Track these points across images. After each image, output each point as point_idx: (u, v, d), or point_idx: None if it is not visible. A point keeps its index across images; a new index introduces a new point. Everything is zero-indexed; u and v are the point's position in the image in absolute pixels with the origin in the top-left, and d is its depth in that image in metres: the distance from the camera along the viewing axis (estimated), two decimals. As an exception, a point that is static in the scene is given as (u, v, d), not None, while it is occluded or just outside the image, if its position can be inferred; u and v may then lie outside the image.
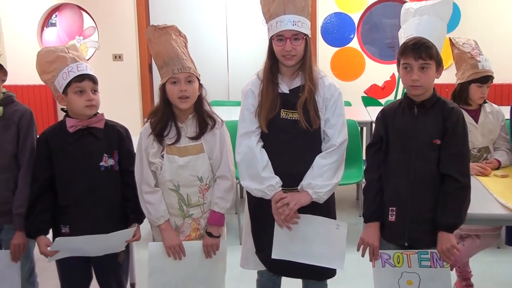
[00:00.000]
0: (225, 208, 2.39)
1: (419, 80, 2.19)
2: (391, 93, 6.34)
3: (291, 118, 2.31)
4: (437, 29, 2.28)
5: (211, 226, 2.39)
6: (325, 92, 2.33)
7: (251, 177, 2.31)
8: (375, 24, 6.59)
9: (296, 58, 2.28)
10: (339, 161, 2.33)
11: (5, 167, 2.45)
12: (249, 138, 2.33)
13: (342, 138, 2.33)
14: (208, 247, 2.39)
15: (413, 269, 2.28)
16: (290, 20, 2.23)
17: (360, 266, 3.20)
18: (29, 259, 2.58)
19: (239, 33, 6.56)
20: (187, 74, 2.28)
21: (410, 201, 2.23)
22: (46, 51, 2.38)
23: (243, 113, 2.38)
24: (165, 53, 2.29)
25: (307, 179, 2.29)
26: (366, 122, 4.58)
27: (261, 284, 2.60)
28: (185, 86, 2.27)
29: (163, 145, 2.33)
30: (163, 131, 2.32)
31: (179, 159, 2.32)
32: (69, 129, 2.35)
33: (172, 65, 2.27)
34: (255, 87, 2.37)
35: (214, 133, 2.37)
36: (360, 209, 4.75)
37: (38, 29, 6.70)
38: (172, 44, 2.29)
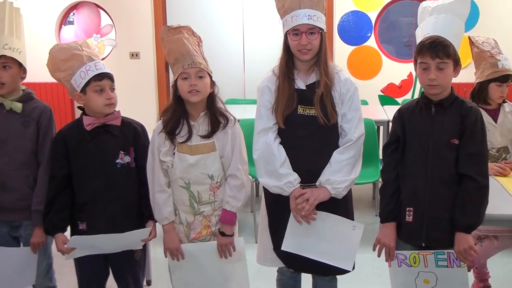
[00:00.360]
0: (237, 207, 2.38)
1: (437, 80, 2.17)
2: (408, 92, 6.31)
3: (309, 114, 2.30)
4: (455, 28, 2.25)
5: (223, 225, 2.39)
6: (341, 87, 2.32)
7: (269, 174, 2.31)
8: (392, 22, 6.55)
9: (311, 52, 2.28)
10: (356, 156, 2.32)
11: (25, 163, 2.47)
12: (266, 134, 2.32)
13: (359, 133, 2.32)
14: (223, 247, 2.39)
15: (429, 268, 2.26)
16: (305, 14, 2.23)
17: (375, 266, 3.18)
18: (47, 255, 2.60)
19: (255, 31, 6.55)
20: (197, 69, 2.28)
21: (428, 201, 2.22)
22: (60, 48, 2.38)
23: (259, 110, 2.38)
24: (176, 50, 2.30)
25: (325, 174, 2.28)
26: (383, 121, 4.55)
27: (282, 283, 2.60)
28: (195, 80, 2.27)
29: (174, 144, 2.33)
30: (175, 129, 2.33)
31: (190, 158, 2.32)
32: (87, 127, 2.36)
33: (183, 61, 2.28)
34: (271, 83, 2.37)
35: (226, 132, 2.36)
36: (376, 209, 4.73)
37: (56, 27, 6.75)
38: (184, 41, 2.29)
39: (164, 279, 3.43)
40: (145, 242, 2.43)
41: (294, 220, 2.35)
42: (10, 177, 2.45)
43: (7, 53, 2.41)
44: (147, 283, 3.47)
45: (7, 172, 2.45)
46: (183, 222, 2.40)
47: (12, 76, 2.45)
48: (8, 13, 2.47)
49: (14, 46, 2.44)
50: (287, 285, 2.59)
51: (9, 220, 2.52)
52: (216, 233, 2.41)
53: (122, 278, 2.54)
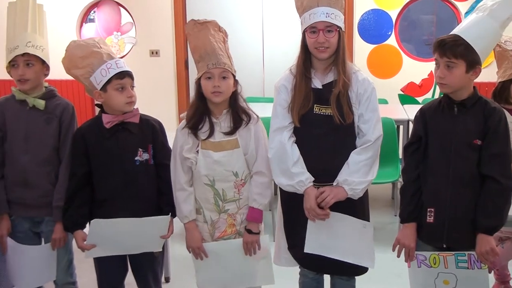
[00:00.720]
0: (264, 204, 2.39)
1: (444, 78, 2.16)
2: (428, 91, 6.25)
3: (325, 113, 2.30)
4: (481, 29, 2.18)
5: (250, 222, 2.40)
6: (358, 87, 2.31)
7: (283, 173, 2.31)
8: (413, 21, 6.49)
9: (329, 50, 2.27)
10: (374, 157, 2.32)
11: (47, 160, 2.50)
12: (281, 133, 2.32)
13: (377, 134, 2.31)
14: (249, 244, 2.39)
15: (449, 270, 2.25)
16: (323, 12, 2.23)
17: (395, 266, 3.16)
18: (67, 251, 2.62)
19: (275, 29, 6.53)
20: (221, 69, 2.28)
21: (449, 202, 2.20)
22: (77, 45, 2.39)
23: (275, 108, 2.38)
24: (202, 47, 2.30)
25: (343, 175, 2.28)
26: (403, 121, 4.52)
27: (305, 285, 2.60)
28: (219, 81, 2.28)
29: (198, 140, 2.34)
30: (198, 124, 2.34)
31: (214, 154, 2.33)
32: (106, 125, 2.38)
33: (207, 60, 2.28)
34: (288, 82, 2.37)
35: (249, 129, 2.37)
36: (395, 209, 4.70)
37: (77, 25, 6.80)
38: (209, 39, 2.29)
39: (183, 276, 3.47)
40: (164, 238, 2.44)
41: (312, 222, 2.35)
42: (32, 173, 2.47)
43: (30, 51, 2.43)
44: (165, 280, 3.48)
45: (30, 169, 2.47)
46: (207, 220, 2.40)
47: (35, 73, 2.46)
48: (31, 10, 2.49)
49: (37, 43, 2.45)
50: (309, 286, 2.59)
51: (31, 216, 2.54)
52: (241, 232, 2.41)
53: (141, 275, 2.55)
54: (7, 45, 2.45)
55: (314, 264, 2.43)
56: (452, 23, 6.20)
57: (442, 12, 6.34)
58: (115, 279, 2.55)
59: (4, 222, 2.51)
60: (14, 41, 2.43)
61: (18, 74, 2.43)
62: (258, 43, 6.60)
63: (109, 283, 2.55)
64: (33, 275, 2.56)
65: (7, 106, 2.52)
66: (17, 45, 2.42)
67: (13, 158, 2.49)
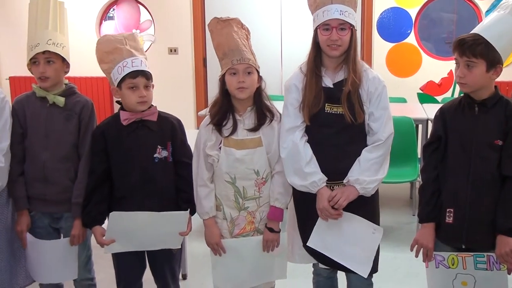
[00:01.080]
0: (286, 203, 2.40)
1: (464, 78, 2.14)
2: (448, 90, 6.20)
3: (336, 112, 2.29)
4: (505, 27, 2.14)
5: (271, 221, 2.40)
6: (369, 86, 2.30)
7: (296, 173, 2.31)
8: (433, 19, 6.43)
9: (341, 48, 2.26)
10: (385, 155, 2.31)
11: (66, 157, 2.52)
12: (293, 133, 2.32)
13: (388, 132, 2.30)
14: (269, 242, 2.39)
15: (468, 271, 2.23)
16: (337, 9, 2.22)
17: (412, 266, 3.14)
18: (86, 247, 2.64)
19: (293, 27, 6.52)
20: (246, 65, 2.28)
21: (469, 202, 2.18)
22: (105, 40, 2.41)
23: (287, 108, 2.37)
24: (226, 44, 2.30)
25: (354, 173, 2.27)
26: (422, 120, 4.48)
27: (320, 285, 2.60)
28: (244, 77, 2.28)
29: (221, 136, 2.34)
30: (222, 121, 2.34)
31: (236, 152, 2.32)
32: (123, 122, 2.39)
33: (231, 56, 2.28)
34: (298, 81, 2.36)
35: (272, 127, 2.36)
36: (413, 208, 4.67)
37: (97, 23, 6.85)
38: (233, 36, 2.30)
39: (200, 273, 3.48)
40: (182, 235, 2.44)
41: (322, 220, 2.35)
42: (52, 170, 2.49)
43: (51, 49, 2.44)
44: (182, 277, 3.49)
45: (50, 165, 2.49)
46: (227, 217, 2.41)
47: (56, 71, 2.48)
48: (52, 8, 2.50)
49: (57, 41, 2.47)
50: (324, 286, 2.59)
51: (51, 212, 2.56)
52: (259, 229, 2.42)
53: (159, 271, 2.56)
54: (28, 43, 2.47)
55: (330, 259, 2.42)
56: (472, 21, 6.14)
57: (462, 10, 6.28)
58: (133, 275, 2.56)
59: (24, 217, 2.53)
60: (35, 39, 2.45)
61: (39, 71, 2.45)
62: (277, 41, 6.59)
63: (127, 280, 2.56)
64: (53, 270, 2.58)
65: (27, 103, 2.54)
66: (38, 43, 2.44)
67: (33, 154, 2.51)
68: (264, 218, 2.41)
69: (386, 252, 2.98)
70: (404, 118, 4.38)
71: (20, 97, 2.59)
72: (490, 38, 2.11)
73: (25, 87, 6.50)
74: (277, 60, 6.60)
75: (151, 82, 2.41)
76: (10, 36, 6.86)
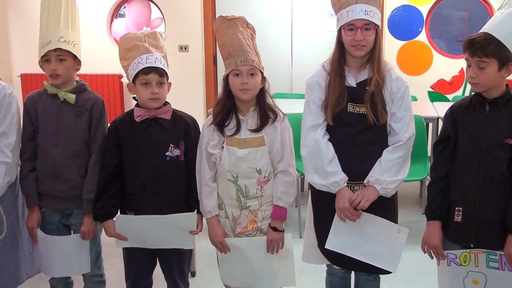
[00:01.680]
0: (289, 203, 2.38)
1: (476, 78, 2.12)
2: (459, 89, 6.16)
3: (358, 112, 2.28)
4: None
5: (274, 220, 2.39)
6: (392, 86, 2.29)
7: (316, 171, 2.30)
8: (444, 17, 6.41)
9: (365, 49, 2.25)
10: (406, 156, 2.31)
11: (77, 153, 2.53)
12: (315, 131, 2.31)
13: (410, 133, 2.30)
14: (273, 242, 2.38)
15: (479, 268, 2.22)
16: (362, 9, 2.20)
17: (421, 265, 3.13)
18: (96, 244, 2.65)
19: (304, 25, 6.51)
20: (249, 66, 2.27)
21: (478, 201, 2.16)
22: (127, 38, 2.44)
23: (309, 105, 2.36)
24: (230, 44, 2.29)
25: (374, 174, 2.27)
26: (432, 118, 4.47)
27: (333, 285, 2.60)
28: (247, 78, 2.27)
29: (223, 136, 2.34)
30: (224, 121, 2.34)
31: (239, 151, 2.32)
32: (136, 119, 2.40)
33: (236, 56, 2.27)
34: (322, 79, 2.35)
35: (275, 127, 2.35)
36: (423, 207, 4.66)
37: (108, 20, 6.88)
38: (238, 35, 2.29)
39: (209, 270, 3.49)
40: (193, 234, 2.45)
41: (339, 219, 2.34)
42: (63, 166, 2.50)
43: (62, 46, 2.46)
44: (191, 275, 3.50)
45: (60, 162, 2.50)
46: (229, 216, 2.41)
47: (67, 68, 2.49)
48: (64, 5, 2.52)
49: (69, 38, 2.48)
50: (337, 285, 2.58)
51: (61, 209, 2.58)
52: (262, 229, 2.41)
53: (168, 269, 2.57)
54: (40, 40, 2.48)
55: (343, 261, 2.42)
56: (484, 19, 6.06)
57: (474, 8, 6.25)
58: (142, 272, 2.57)
59: (35, 214, 2.55)
60: (47, 37, 2.46)
61: (50, 69, 2.47)
62: (287, 39, 6.59)
63: (135, 276, 2.57)
64: (65, 264, 2.60)
65: (39, 100, 2.56)
66: (50, 40, 2.45)
67: (44, 151, 2.52)
68: (267, 217, 2.41)
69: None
70: (415, 117, 4.30)
71: (32, 94, 2.60)
72: (500, 36, 2.08)
73: (37, 85, 6.55)
74: (287, 59, 6.59)
75: (165, 79, 2.41)
76: (22, 34, 6.91)
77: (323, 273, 2.64)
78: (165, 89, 2.42)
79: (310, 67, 2.46)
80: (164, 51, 2.47)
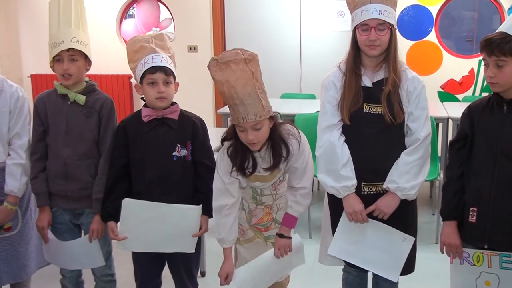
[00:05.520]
0: (299, 212, 2.36)
1: (494, 77, 2.10)
2: (469, 89, 6.13)
3: (375, 112, 2.27)
4: None
5: (283, 227, 2.38)
6: (408, 85, 2.28)
7: (328, 172, 2.30)
8: (454, 17, 6.38)
9: (380, 48, 2.24)
10: (424, 157, 2.30)
11: (87, 153, 2.53)
12: (330, 132, 2.30)
13: (426, 132, 2.28)
14: (281, 249, 2.37)
15: (492, 269, 2.20)
16: (376, 9, 2.19)
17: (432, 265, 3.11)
18: (107, 243, 2.66)
19: (313, 24, 6.50)
20: (252, 123, 2.13)
21: (493, 202, 2.14)
22: (134, 40, 2.43)
23: (324, 106, 2.35)
24: (229, 97, 2.12)
25: (393, 179, 2.26)
26: (442, 118, 4.44)
27: (349, 282, 2.59)
28: (252, 134, 2.15)
29: (245, 177, 2.29)
30: (243, 163, 2.25)
31: (256, 183, 2.32)
32: (143, 119, 2.40)
33: (237, 111, 2.12)
34: (337, 79, 2.34)
35: (291, 156, 2.28)
36: (433, 208, 4.64)
37: (117, 21, 6.90)
38: (234, 87, 2.09)
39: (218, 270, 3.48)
40: (196, 236, 2.44)
41: (343, 226, 2.35)
42: (73, 166, 2.51)
43: (76, 46, 2.47)
44: (201, 274, 3.51)
45: (71, 162, 2.51)
46: (245, 208, 2.41)
47: (79, 68, 2.50)
48: (74, 6, 2.52)
49: (81, 39, 2.49)
50: (353, 284, 2.58)
51: (72, 208, 2.58)
52: (277, 220, 2.40)
53: (175, 270, 2.57)
54: (51, 41, 2.49)
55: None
56: (494, 19, 6.07)
57: (483, 8, 6.22)
58: (151, 271, 2.57)
59: (46, 214, 2.56)
60: (59, 37, 2.47)
61: (62, 68, 2.47)
62: (296, 39, 6.57)
63: (143, 274, 2.57)
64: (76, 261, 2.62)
65: (49, 100, 2.56)
66: (62, 40, 2.46)
67: (55, 151, 2.53)
68: (282, 208, 2.39)
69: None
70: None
71: (41, 95, 2.61)
72: None
73: (47, 85, 6.58)
74: (296, 58, 6.58)
75: (172, 78, 2.40)
76: (32, 35, 6.95)
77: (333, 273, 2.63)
78: (172, 89, 2.42)
79: (319, 67, 2.46)
80: (171, 52, 2.46)
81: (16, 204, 2.55)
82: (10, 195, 2.53)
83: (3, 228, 2.53)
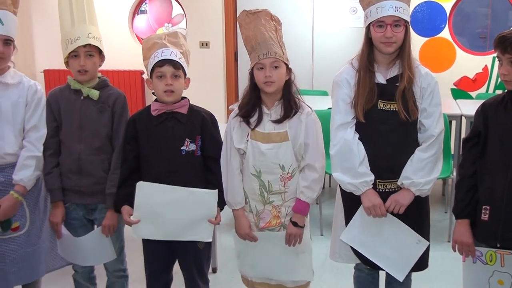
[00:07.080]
0: (311, 198, 2.36)
1: (508, 75, 2.09)
2: (482, 86, 6.08)
3: (389, 109, 2.26)
4: None
5: (295, 214, 2.37)
6: (422, 82, 2.27)
7: (345, 171, 2.29)
8: (467, 13, 6.32)
9: (395, 45, 2.23)
10: (438, 153, 2.29)
11: (100, 148, 2.55)
12: (345, 130, 2.29)
13: (440, 128, 2.28)
14: (291, 236, 2.37)
15: (506, 269, 2.19)
16: (391, 6, 2.18)
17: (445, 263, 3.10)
18: (119, 238, 2.68)
19: (325, 21, 6.47)
20: (272, 59, 2.26)
21: (506, 200, 2.12)
22: (148, 38, 2.47)
23: (337, 103, 2.34)
24: (253, 38, 2.30)
25: (407, 174, 2.26)
26: (455, 116, 4.41)
27: (360, 280, 2.58)
28: (270, 71, 2.26)
29: (249, 128, 2.34)
30: (249, 113, 2.34)
31: (262, 145, 2.32)
32: (152, 112, 2.42)
33: (258, 50, 2.27)
34: (350, 76, 2.33)
35: (299, 120, 2.33)
36: (446, 206, 4.62)
37: (130, 16, 6.91)
38: (260, 29, 2.29)
39: (230, 266, 3.49)
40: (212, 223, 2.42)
41: (360, 216, 2.33)
42: (86, 162, 2.53)
43: (92, 42, 2.49)
44: (212, 271, 3.52)
45: (84, 157, 2.52)
46: (252, 210, 2.41)
47: (94, 64, 2.53)
48: (86, 2, 2.54)
49: (96, 35, 2.51)
50: (365, 282, 2.57)
51: (86, 204, 2.60)
52: (285, 225, 2.40)
53: (186, 266, 2.57)
54: (65, 37, 2.50)
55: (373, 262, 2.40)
56: (507, 16, 6.01)
57: (497, 4, 6.16)
58: (160, 265, 2.57)
59: (59, 209, 2.57)
60: (75, 33, 2.48)
61: (79, 64, 2.49)
62: (308, 35, 6.55)
63: (152, 268, 2.58)
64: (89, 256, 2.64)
65: (61, 96, 2.58)
66: (79, 36, 2.47)
67: (68, 146, 2.55)
68: (290, 213, 2.39)
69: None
70: (438, 114, 4.30)
71: (54, 91, 2.63)
72: None
73: (60, 80, 6.61)
74: (308, 55, 6.55)
75: (181, 72, 2.41)
76: (45, 31, 6.97)
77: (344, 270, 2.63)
78: (181, 83, 2.42)
79: (331, 63, 2.45)
80: (184, 49, 2.47)
81: (22, 195, 2.47)
82: (18, 184, 2.45)
83: (10, 228, 2.50)
